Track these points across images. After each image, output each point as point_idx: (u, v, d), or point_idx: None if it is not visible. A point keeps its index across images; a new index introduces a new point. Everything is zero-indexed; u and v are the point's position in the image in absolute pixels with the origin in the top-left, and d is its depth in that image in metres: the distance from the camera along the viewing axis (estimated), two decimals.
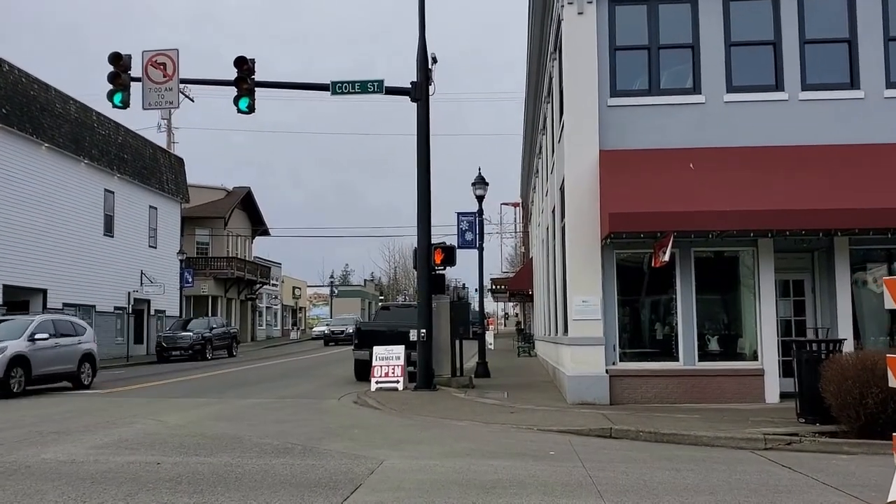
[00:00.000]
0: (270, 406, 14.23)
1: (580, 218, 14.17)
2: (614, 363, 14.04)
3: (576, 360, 13.98)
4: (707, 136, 14.17)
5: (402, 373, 16.21)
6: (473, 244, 21.26)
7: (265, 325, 61.40)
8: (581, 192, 14.20)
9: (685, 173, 13.71)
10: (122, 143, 38.47)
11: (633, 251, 14.44)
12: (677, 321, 14.14)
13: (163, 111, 45.76)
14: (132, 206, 39.30)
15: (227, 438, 9.93)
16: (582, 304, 14.01)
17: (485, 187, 21.10)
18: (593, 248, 14.08)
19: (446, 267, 16.35)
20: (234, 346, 38.43)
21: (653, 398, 13.88)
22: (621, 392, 13.89)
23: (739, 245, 14.25)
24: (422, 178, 16.12)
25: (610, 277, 14.21)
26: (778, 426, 10.45)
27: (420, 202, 16.12)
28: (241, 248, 54.57)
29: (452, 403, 13.96)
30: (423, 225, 16.12)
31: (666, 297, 14.42)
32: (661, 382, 13.92)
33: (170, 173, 43.76)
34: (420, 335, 15.94)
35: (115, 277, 37.11)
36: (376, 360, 16.42)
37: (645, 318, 14.69)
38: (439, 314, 17.11)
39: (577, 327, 14.06)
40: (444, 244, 16.20)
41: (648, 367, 14.02)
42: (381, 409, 13.32)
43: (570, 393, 13.94)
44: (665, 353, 14.27)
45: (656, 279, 14.54)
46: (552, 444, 9.48)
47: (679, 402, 13.76)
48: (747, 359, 14.19)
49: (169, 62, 16.81)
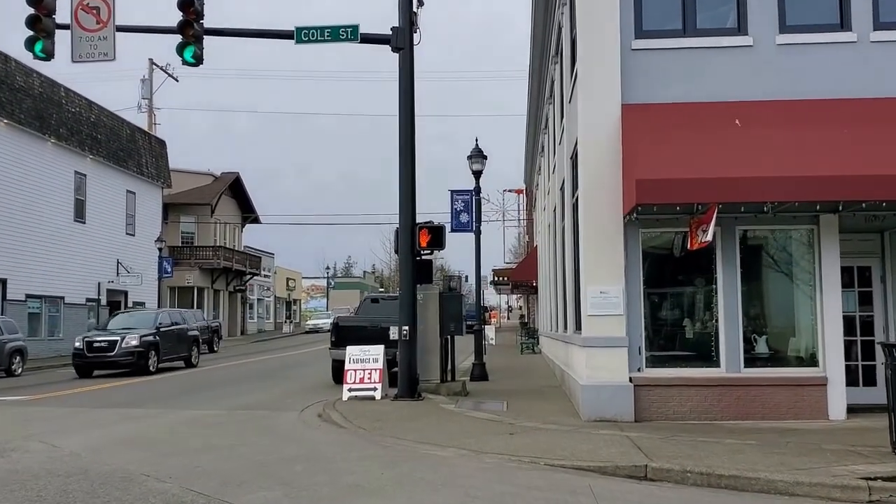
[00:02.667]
0: (212, 422, 11.50)
1: (597, 189, 11.38)
2: (640, 370, 11.27)
3: (592, 366, 11.21)
4: (755, 87, 11.38)
5: (380, 378, 13.47)
6: (469, 227, 18.39)
7: (256, 319, 58.65)
8: (598, 156, 11.40)
9: (729, 132, 10.91)
10: (94, 122, 35.69)
11: (664, 230, 11.65)
12: (718, 317, 11.36)
13: (143, 90, 43.00)
14: (107, 191, 36.55)
15: (116, 479, 7.21)
16: (599, 296, 11.23)
17: (482, 161, 18.24)
18: (614, 227, 11.29)
19: (433, 251, 13.57)
20: (216, 340, 35.67)
21: (687, 413, 11.11)
22: (648, 406, 11.12)
23: (796, 223, 11.45)
24: (404, 140, 13.31)
25: (634, 263, 11.42)
26: (872, 462, 7.67)
27: (402, 171, 13.32)
28: (229, 236, 51.80)
29: (438, 419, 11.21)
30: (405, 199, 13.34)
31: (703, 288, 11.64)
32: (699, 394, 11.14)
33: (150, 156, 41.01)
34: (402, 333, 13.19)
35: (87, 267, 34.41)
36: (350, 361, 13.68)
37: (677, 313, 11.91)
38: (426, 307, 14.36)
39: (593, 325, 11.29)
40: (430, 223, 13.41)
41: (682, 375, 11.24)
42: (346, 428, 10.58)
43: (585, 407, 11.16)
44: (702, 356, 11.49)
45: (692, 266, 11.76)
46: (567, 493, 6.71)
47: (720, 417, 11.00)
48: (805, 364, 11.42)
49: (103, 6, 14.03)
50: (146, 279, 37.86)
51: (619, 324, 11.17)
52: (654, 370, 11.34)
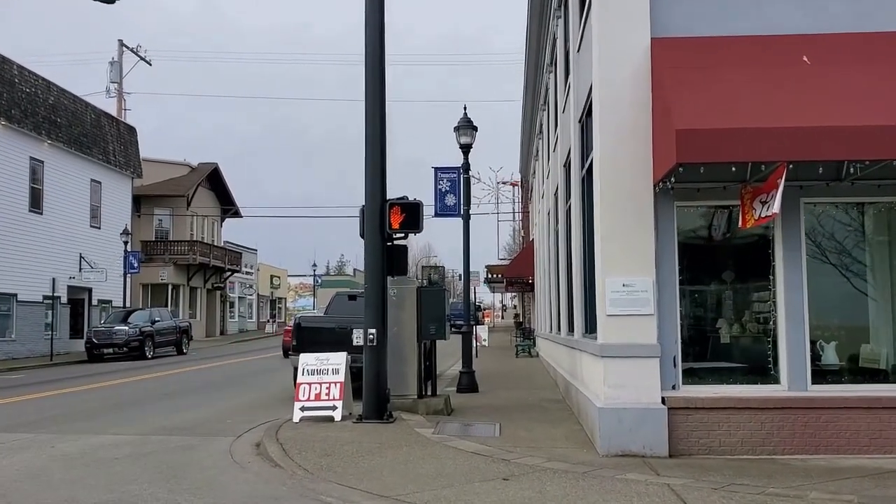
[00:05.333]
0: (107, 456, 8.72)
1: (619, 150, 8.67)
2: (675, 387, 8.57)
3: (613, 382, 8.49)
4: (826, 17, 8.69)
5: (341, 394, 10.74)
6: (456, 210, 15.55)
7: (237, 318, 55.76)
8: (620, 106, 8.69)
9: (794, 71, 8.22)
10: (54, 104, 32.81)
11: (707, 205, 8.94)
12: (777, 318, 8.67)
13: (112, 73, 40.11)
14: (68, 179, 33.67)
15: None
16: (622, 290, 8.52)
17: (472, 133, 15.48)
18: (641, 200, 8.60)
19: (408, 234, 10.81)
20: (186, 342, 32.87)
21: (738, 445, 8.40)
22: (687, 435, 8.41)
23: (879, 194, 8.76)
24: (371, 83, 10.52)
25: (668, 247, 8.71)
26: None
27: (369, 128, 10.52)
28: (208, 231, 48.92)
29: (409, 452, 8.48)
30: (373, 166, 10.57)
31: (755, 281, 8.95)
32: (753, 419, 8.43)
33: (118, 143, 38.13)
34: (368, 338, 10.45)
35: (45, 261, 31.52)
36: (303, 373, 10.94)
37: (721, 312, 9.20)
38: (401, 306, 11.63)
39: (613, 327, 8.58)
40: (404, 199, 10.65)
41: (731, 394, 8.54)
42: (282, 468, 7.84)
43: (604, 437, 8.43)
44: (755, 369, 8.81)
45: (741, 251, 9.11)
46: None
47: (782, 450, 8.32)
48: (889, 379, 8.74)
49: None
50: (112, 275, 35.05)
51: (649, 326, 8.47)
52: (693, 388, 8.63)
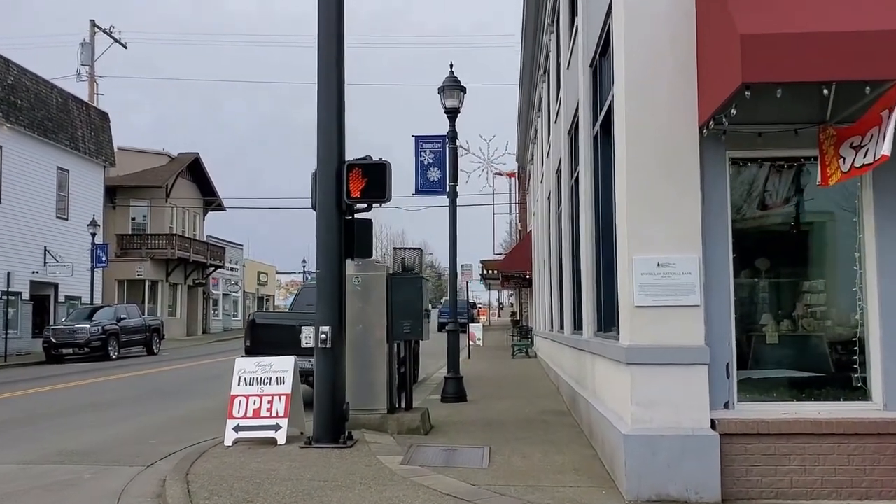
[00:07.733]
0: None
1: (651, 79, 6.32)
2: (728, 405, 6.23)
3: (643, 398, 6.13)
4: None
5: (286, 409, 8.38)
6: (441, 187, 13.05)
7: (221, 316, 53.30)
8: (653, 21, 6.35)
9: None
10: (13, 84, 30.39)
11: (772, 155, 6.56)
12: (865, 315, 6.33)
13: (83, 56, 37.66)
14: (30, 166, 31.27)
15: None
16: (656, 270, 6.18)
17: (459, 96, 13.09)
18: (682, 148, 6.27)
19: (372, 205, 8.44)
20: (157, 341, 30.48)
21: (817, 485, 6.07)
22: (746, 472, 6.08)
23: None
24: (326, 18, 8.18)
25: (718, 214, 6.36)
26: None
27: (322, 71, 8.17)
28: (189, 224, 46.48)
29: (362, 496, 6.13)
30: (327, 120, 8.21)
31: (833, 265, 6.63)
32: (837, 449, 6.09)
33: (88, 129, 35.70)
34: (319, 338, 8.10)
35: (2, 254, 29.13)
36: (238, 383, 8.59)
37: (783, 304, 6.85)
38: (367, 298, 9.30)
39: (645, 323, 6.22)
40: (367, 159, 8.31)
41: (807, 415, 6.19)
42: None
43: (632, 475, 6.06)
44: (836, 381, 6.47)
45: (813, 223, 6.77)
46: None
47: (878, 494, 6.00)
48: None
49: None
50: (80, 270, 32.68)
51: (694, 322, 6.14)
52: (752, 406, 6.29)
